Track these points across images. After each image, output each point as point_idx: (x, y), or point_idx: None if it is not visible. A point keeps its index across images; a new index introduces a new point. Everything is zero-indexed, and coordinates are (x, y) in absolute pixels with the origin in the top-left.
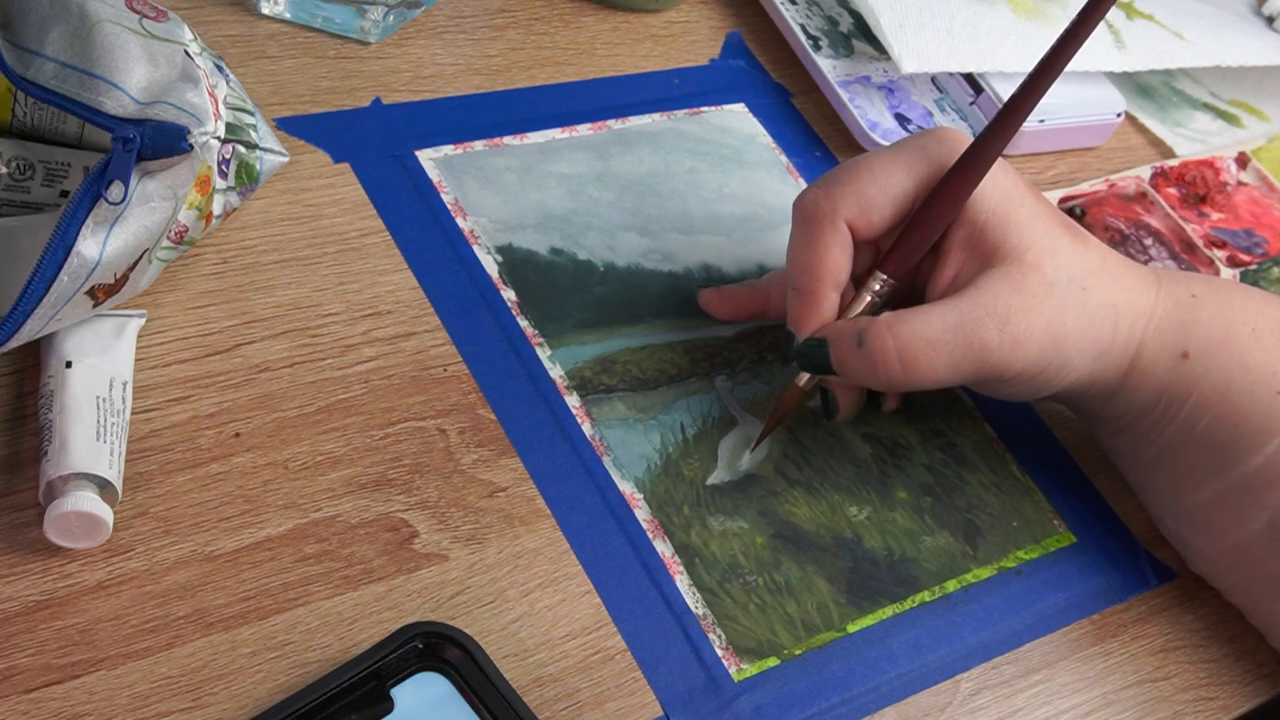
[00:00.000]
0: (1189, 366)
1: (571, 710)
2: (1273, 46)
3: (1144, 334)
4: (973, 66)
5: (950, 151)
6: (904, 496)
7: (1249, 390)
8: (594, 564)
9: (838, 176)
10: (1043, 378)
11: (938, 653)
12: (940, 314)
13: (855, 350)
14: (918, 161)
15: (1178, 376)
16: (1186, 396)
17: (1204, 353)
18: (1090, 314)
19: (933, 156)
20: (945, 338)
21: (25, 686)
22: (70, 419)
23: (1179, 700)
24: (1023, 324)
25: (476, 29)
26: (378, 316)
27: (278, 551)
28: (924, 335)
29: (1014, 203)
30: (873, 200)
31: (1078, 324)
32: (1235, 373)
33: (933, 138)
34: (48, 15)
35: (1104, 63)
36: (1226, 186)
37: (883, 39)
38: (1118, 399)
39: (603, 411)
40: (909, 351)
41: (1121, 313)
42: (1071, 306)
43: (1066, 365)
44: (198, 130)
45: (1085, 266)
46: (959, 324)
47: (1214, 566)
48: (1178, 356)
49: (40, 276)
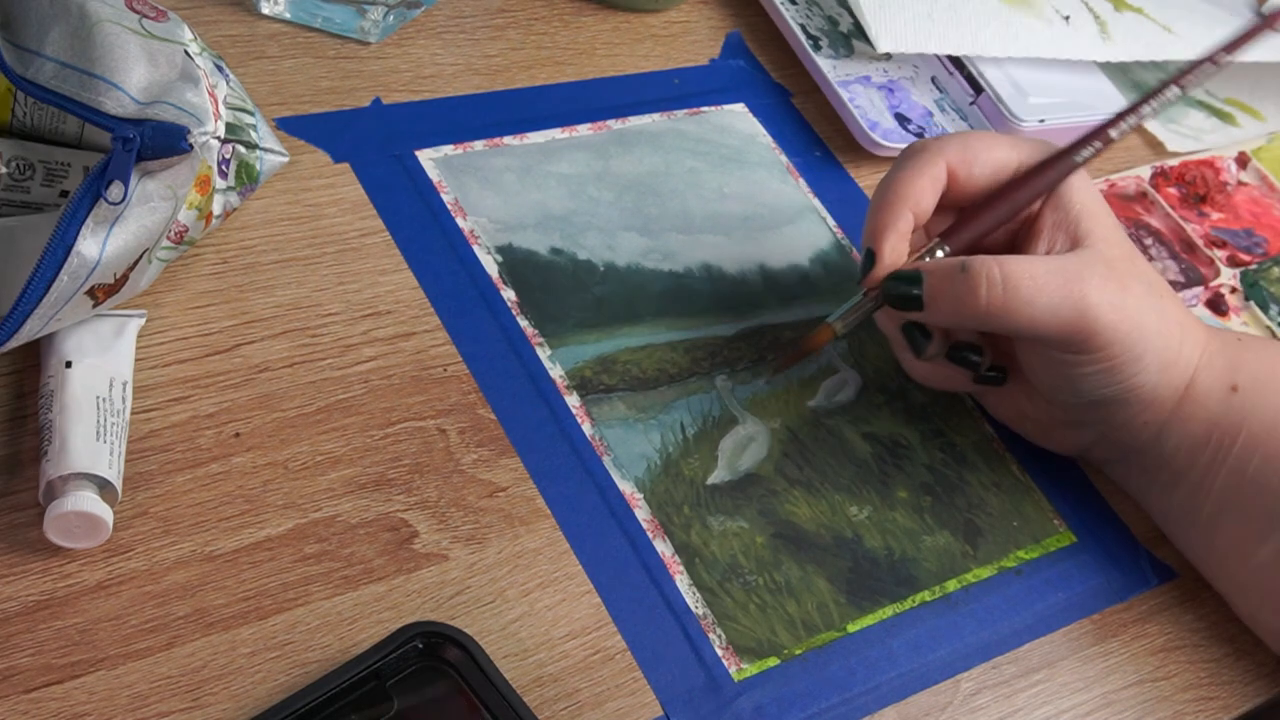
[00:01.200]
0: (1238, 400)
1: (571, 710)
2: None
3: (1199, 362)
4: (951, 49)
5: (1050, 147)
6: (904, 496)
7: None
8: (594, 564)
9: (947, 134)
10: (1119, 362)
11: (938, 652)
12: (1044, 260)
13: (957, 276)
14: (1024, 143)
15: (1228, 409)
16: (1236, 432)
17: (1251, 388)
18: (1165, 319)
19: (1038, 145)
20: (1049, 279)
21: (25, 686)
22: (70, 419)
23: (1179, 700)
24: (1119, 294)
25: (476, 29)
26: (378, 316)
27: (278, 551)
28: (1029, 271)
29: (1103, 209)
30: (976, 154)
31: (1156, 323)
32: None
33: (1038, 138)
34: (48, 15)
35: (1088, 52)
36: (1226, 186)
37: (861, 18)
38: (1170, 430)
39: (603, 411)
40: (1013, 280)
41: (1186, 333)
42: (1151, 304)
43: (1141, 360)
44: (198, 130)
45: (1160, 280)
46: (1063, 269)
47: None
48: (1227, 389)
49: (40, 276)
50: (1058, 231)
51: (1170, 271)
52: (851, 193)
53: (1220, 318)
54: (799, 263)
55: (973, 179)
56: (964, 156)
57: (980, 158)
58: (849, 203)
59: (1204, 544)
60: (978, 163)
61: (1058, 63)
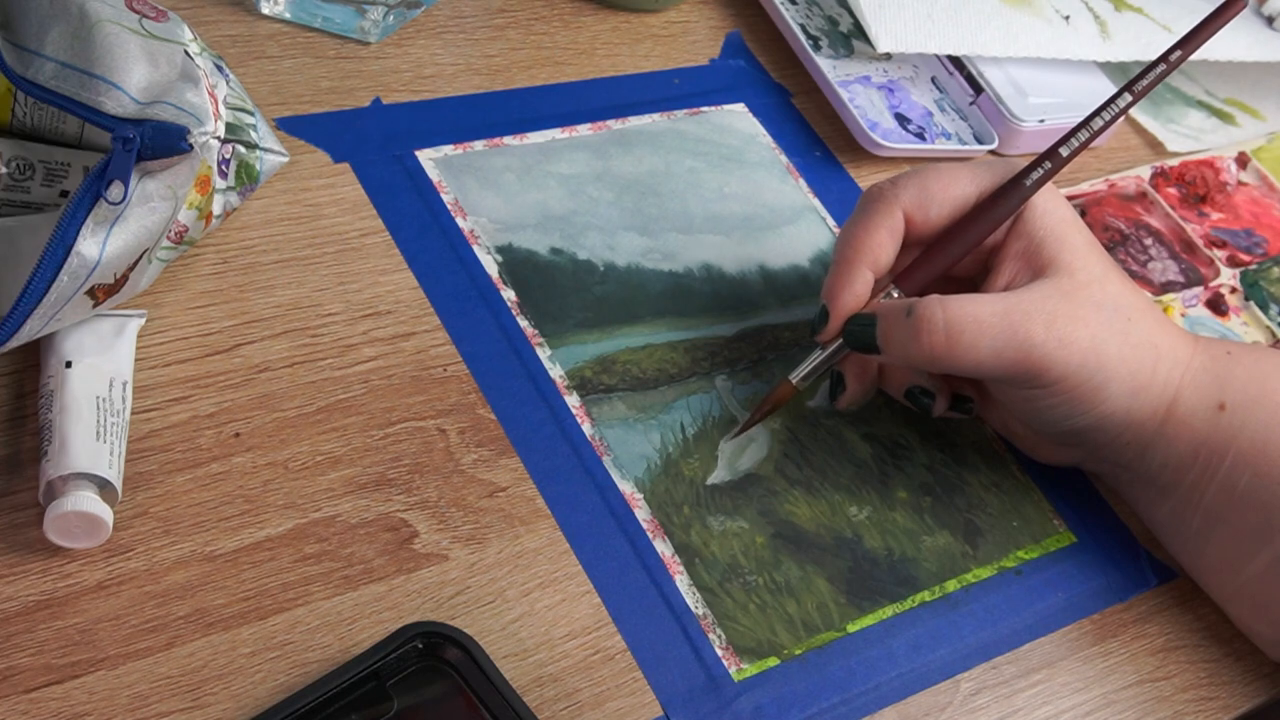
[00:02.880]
0: (1226, 419)
1: (571, 710)
2: (1265, 43)
3: (1181, 381)
4: (951, 49)
5: (1009, 171)
6: (904, 496)
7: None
8: (594, 564)
9: (905, 173)
10: (1078, 394)
11: (938, 653)
12: (990, 300)
13: (903, 320)
14: (984, 173)
15: (1215, 429)
16: (1225, 451)
17: (1240, 406)
18: (1133, 345)
19: (999, 172)
20: (993, 321)
21: (25, 686)
22: (70, 419)
23: (1179, 700)
24: (1069, 329)
25: (476, 29)
26: (378, 316)
27: (278, 551)
28: (973, 314)
29: (1071, 228)
30: (934, 195)
31: (1119, 350)
32: (1273, 427)
33: (1003, 160)
34: (48, 15)
35: (1088, 52)
36: (1226, 186)
37: (861, 18)
38: (1155, 449)
39: (603, 411)
40: (956, 325)
41: (1162, 354)
42: (1115, 332)
43: (1104, 390)
44: (198, 130)
45: (1132, 301)
46: (1008, 312)
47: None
48: (1214, 408)
49: (40, 276)
50: (1019, 261)
51: (1170, 271)
52: (851, 193)
53: (1220, 318)
54: (799, 263)
55: (929, 222)
56: (920, 200)
57: (937, 198)
58: (849, 203)
59: (1194, 555)
60: (934, 203)
61: (1058, 63)
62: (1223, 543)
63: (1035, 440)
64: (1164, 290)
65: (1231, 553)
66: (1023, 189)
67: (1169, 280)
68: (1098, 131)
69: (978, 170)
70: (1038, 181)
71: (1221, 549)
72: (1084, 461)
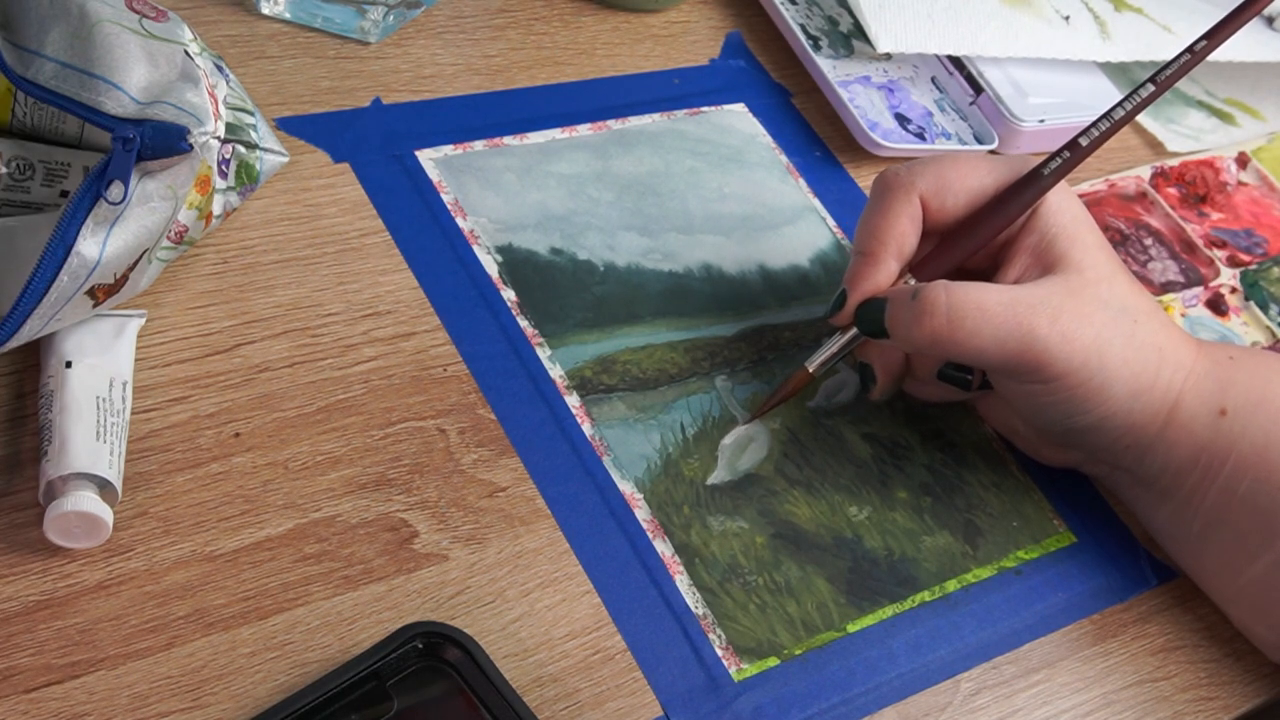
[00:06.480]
0: (1227, 424)
1: (571, 710)
2: (1265, 44)
3: (1183, 386)
4: (951, 49)
5: (1025, 166)
6: (904, 496)
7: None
8: (594, 564)
9: (921, 159)
10: (1080, 393)
11: (938, 653)
12: (998, 290)
13: (908, 303)
14: (1001, 166)
15: (1216, 434)
16: (1226, 456)
17: (1242, 411)
18: (1136, 347)
19: (1015, 166)
20: (997, 310)
21: (25, 686)
22: (70, 419)
23: (1179, 700)
24: (1073, 325)
25: (476, 29)
26: (378, 316)
27: (278, 551)
28: (977, 300)
29: (1084, 226)
30: (950, 184)
31: (1123, 351)
32: (1274, 433)
33: (1019, 155)
34: (48, 15)
35: (1088, 52)
36: (1226, 186)
37: (861, 18)
38: (1155, 453)
39: (603, 411)
40: (959, 310)
41: (1165, 358)
42: (1120, 332)
43: (1105, 389)
44: (198, 130)
45: (1138, 303)
46: (1013, 302)
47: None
48: (1216, 413)
49: (40, 276)
50: (1030, 257)
51: (1170, 271)
52: (851, 193)
53: (1220, 318)
54: (799, 263)
55: (945, 210)
56: (937, 189)
57: (954, 188)
58: (849, 203)
59: (1194, 558)
60: (951, 193)
61: (1058, 63)
62: (1222, 546)
63: (1036, 441)
64: (1164, 290)
65: (1231, 556)
66: (1041, 180)
67: (1169, 280)
68: (1120, 122)
69: (995, 162)
70: (1056, 172)
71: (1221, 552)
72: (1084, 464)
